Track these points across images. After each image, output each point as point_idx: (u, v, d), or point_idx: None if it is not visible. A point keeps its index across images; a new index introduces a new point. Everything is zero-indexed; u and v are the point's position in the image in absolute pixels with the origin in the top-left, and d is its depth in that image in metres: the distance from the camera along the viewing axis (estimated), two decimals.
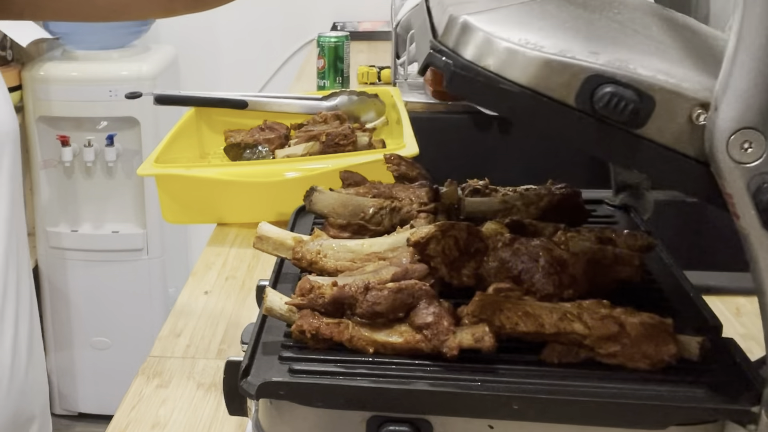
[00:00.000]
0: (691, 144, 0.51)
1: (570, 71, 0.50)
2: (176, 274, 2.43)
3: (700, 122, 0.50)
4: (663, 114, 0.50)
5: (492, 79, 0.52)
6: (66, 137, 2.27)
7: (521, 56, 0.51)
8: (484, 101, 0.54)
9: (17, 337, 0.79)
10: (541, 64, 0.51)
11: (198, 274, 1.06)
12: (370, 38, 2.37)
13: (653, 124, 0.50)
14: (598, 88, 0.50)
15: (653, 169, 0.52)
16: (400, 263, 0.66)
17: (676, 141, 0.51)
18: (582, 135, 0.52)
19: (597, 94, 0.50)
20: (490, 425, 0.56)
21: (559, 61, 0.51)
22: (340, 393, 0.55)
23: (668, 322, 0.58)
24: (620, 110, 0.50)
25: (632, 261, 0.66)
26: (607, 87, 0.50)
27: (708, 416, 0.54)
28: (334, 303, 0.60)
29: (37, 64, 2.27)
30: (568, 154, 1.59)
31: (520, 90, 0.51)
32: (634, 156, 0.52)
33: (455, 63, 0.52)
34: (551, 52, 0.51)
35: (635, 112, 0.50)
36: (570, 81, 0.50)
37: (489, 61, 0.52)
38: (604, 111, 0.50)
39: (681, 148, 0.51)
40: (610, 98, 0.50)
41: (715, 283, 0.98)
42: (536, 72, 0.51)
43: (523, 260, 0.64)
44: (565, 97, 0.51)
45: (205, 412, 0.79)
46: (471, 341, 0.57)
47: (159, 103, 1.40)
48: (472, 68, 0.52)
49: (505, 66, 0.51)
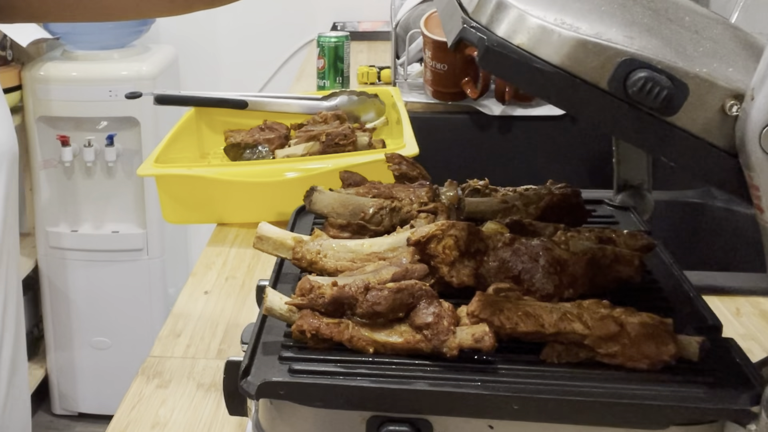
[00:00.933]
0: (720, 134, 0.50)
1: (605, 54, 0.50)
2: (176, 274, 2.43)
3: (732, 113, 0.50)
4: (696, 103, 0.50)
5: (525, 57, 0.51)
6: (66, 137, 2.27)
7: (556, 36, 0.50)
8: (516, 79, 0.53)
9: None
10: (576, 45, 0.50)
11: (198, 274, 1.06)
12: (370, 38, 2.37)
13: (685, 112, 0.50)
14: (633, 73, 0.49)
15: (680, 158, 0.52)
16: (400, 263, 0.66)
17: (705, 131, 0.51)
18: (612, 119, 0.51)
19: (631, 79, 0.49)
20: (490, 425, 0.56)
21: (595, 43, 0.50)
22: (340, 393, 0.55)
23: (668, 322, 0.58)
24: (653, 96, 0.49)
25: (632, 261, 0.66)
26: (642, 72, 0.49)
27: (708, 416, 0.54)
28: (334, 303, 0.60)
29: (37, 64, 2.27)
30: (568, 154, 1.59)
31: (553, 70, 0.51)
32: (662, 143, 0.51)
33: (489, 38, 0.52)
34: (587, 33, 0.50)
35: (668, 99, 0.49)
36: (604, 63, 0.50)
37: (522, 38, 0.51)
38: (637, 96, 0.49)
39: (710, 138, 0.51)
40: (644, 83, 0.49)
41: (715, 283, 0.98)
42: (570, 52, 0.50)
43: (523, 260, 0.64)
44: (598, 80, 0.50)
45: (205, 412, 0.79)
46: (471, 341, 0.57)
47: (159, 103, 1.40)
48: (506, 45, 0.51)
49: (539, 45, 0.51)
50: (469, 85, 1.57)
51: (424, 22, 1.60)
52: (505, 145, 1.61)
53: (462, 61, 1.55)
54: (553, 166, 1.59)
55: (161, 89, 1.58)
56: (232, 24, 2.60)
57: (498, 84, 1.55)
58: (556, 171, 1.47)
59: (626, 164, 0.87)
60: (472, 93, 1.56)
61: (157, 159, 1.18)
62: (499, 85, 1.54)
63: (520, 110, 1.58)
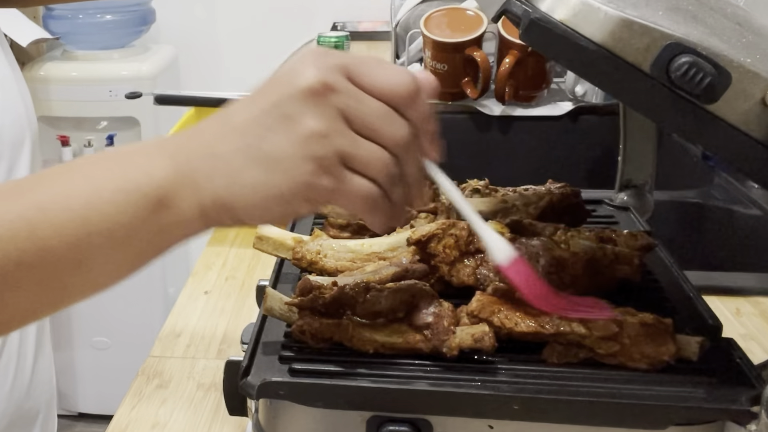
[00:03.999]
0: (759, 126, 0.50)
1: (650, 36, 0.49)
2: (176, 274, 2.42)
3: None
4: (737, 92, 0.50)
5: (569, 33, 0.51)
6: (66, 137, 2.26)
7: (602, 14, 0.50)
8: (558, 54, 0.53)
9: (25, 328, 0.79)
10: (622, 25, 0.50)
11: (198, 274, 1.06)
12: (370, 38, 2.37)
13: (725, 101, 0.50)
14: (677, 57, 0.49)
15: (717, 147, 0.52)
16: (400, 263, 0.66)
17: (744, 121, 0.50)
18: (651, 102, 0.51)
19: (674, 63, 0.49)
20: (490, 425, 0.55)
21: (641, 24, 0.50)
22: (340, 393, 0.55)
23: (668, 322, 0.58)
24: (696, 82, 0.49)
25: (632, 260, 0.66)
26: (686, 57, 0.49)
27: (708, 416, 0.54)
28: (334, 303, 0.60)
29: (37, 64, 2.27)
30: (568, 154, 1.59)
31: (596, 48, 0.50)
32: (700, 131, 0.51)
33: (534, 12, 0.51)
34: (633, 14, 0.50)
35: (711, 87, 0.49)
36: (649, 45, 0.50)
37: (567, 14, 0.51)
38: (679, 81, 0.49)
39: (748, 129, 0.50)
40: (688, 68, 0.49)
41: (715, 283, 0.98)
42: (615, 32, 0.50)
43: None
44: (641, 62, 0.50)
45: (205, 412, 0.79)
46: (471, 341, 0.57)
47: (159, 103, 1.39)
48: (550, 19, 0.51)
49: (584, 21, 0.51)
50: (469, 85, 1.57)
51: (424, 22, 1.60)
52: (505, 145, 1.61)
53: (462, 61, 1.55)
54: (553, 166, 1.59)
55: (161, 89, 1.58)
56: (232, 24, 2.60)
57: (498, 84, 1.54)
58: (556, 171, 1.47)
59: (632, 164, 0.87)
60: (472, 93, 1.56)
61: None
62: (499, 85, 1.54)
63: (520, 110, 1.58)
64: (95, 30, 2.32)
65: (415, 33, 1.69)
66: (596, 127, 1.57)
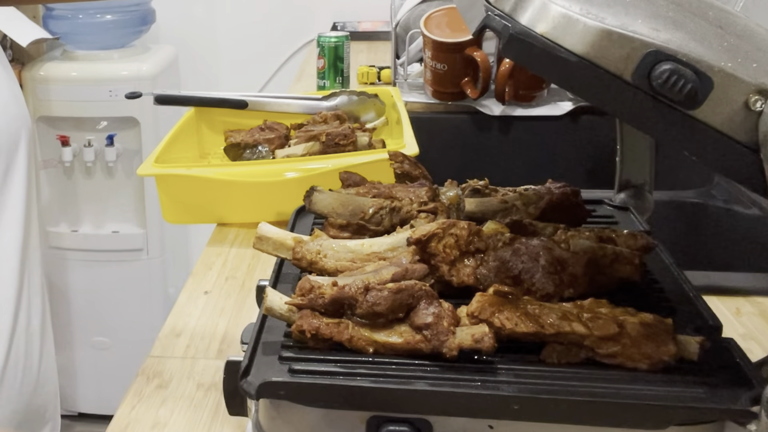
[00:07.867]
0: (743, 129, 0.50)
1: (631, 45, 0.50)
2: (176, 274, 2.42)
3: (756, 108, 0.50)
4: (719, 97, 0.50)
5: (549, 46, 0.51)
6: (66, 137, 2.27)
7: (581, 25, 0.50)
8: (539, 68, 0.53)
9: (30, 327, 0.79)
10: (601, 35, 0.50)
11: (198, 274, 1.06)
12: (370, 38, 2.37)
13: (708, 106, 0.50)
14: (658, 65, 0.49)
15: (702, 152, 0.52)
16: (400, 263, 0.66)
17: (728, 125, 0.50)
18: (634, 111, 0.51)
19: (656, 71, 0.49)
20: (490, 425, 0.56)
21: (620, 34, 0.50)
22: (340, 393, 0.55)
23: (668, 322, 0.58)
24: (678, 89, 0.49)
25: (632, 260, 0.66)
26: (667, 64, 0.49)
27: (708, 416, 0.54)
28: (334, 303, 0.60)
29: (37, 64, 2.27)
30: (568, 154, 1.59)
31: (577, 59, 0.50)
32: (684, 137, 0.51)
33: (513, 26, 0.52)
34: (613, 24, 0.50)
35: (692, 93, 0.49)
36: (629, 55, 0.50)
37: (546, 27, 0.51)
38: (661, 88, 0.49)
39: (732, 133, 0.51)
40: (669, 76, 0.49)
41: (715, 283, 0.98)
42: (595, 42, 0.50)
43: (523, 260, 0.64)
44: (622, 71, 0.50)
45: (205, 412, 0.79)
46: (471, 342, 0.57)
47: (159, 103, 1.39)
48: (530, 33, 0.51)
49: (563, 34, 0.51)
50: (469, 85, 1.57)
51: (424, 22, 1.60)
52: (505, 145, 1.61)
53: (462, 61, 1.55)
54: (553, 166, 1.59)
55: (161, 89, 1.58)
56: (232, 24, 2.60)
57: (498, 84, 1.54)
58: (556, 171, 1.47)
59: (630, 164, 0.87)
60: (472, 93, 1.56)
61: (157, 159, 1.18)
62: (499, 86, 1.54)
63: (520, 110, 1.58)
64: (95, 30, 2.32)
65: (415, 33, 1.69)
66: (596, 127, 1.57)
